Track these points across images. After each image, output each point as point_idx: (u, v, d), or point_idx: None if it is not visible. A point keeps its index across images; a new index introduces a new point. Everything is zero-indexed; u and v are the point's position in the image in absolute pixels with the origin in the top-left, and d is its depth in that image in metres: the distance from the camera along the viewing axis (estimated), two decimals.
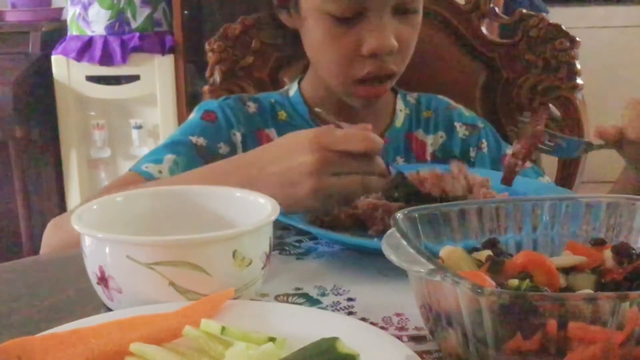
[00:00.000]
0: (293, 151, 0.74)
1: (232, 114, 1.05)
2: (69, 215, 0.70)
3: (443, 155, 1.10)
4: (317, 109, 1.05)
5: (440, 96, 1.15)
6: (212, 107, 1.06)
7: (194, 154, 0.98)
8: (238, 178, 0.75)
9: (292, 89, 1.11)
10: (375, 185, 0.74)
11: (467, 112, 1.13)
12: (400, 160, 1.09)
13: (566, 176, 1.19)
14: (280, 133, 1.05)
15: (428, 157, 1.10)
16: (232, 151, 1.03)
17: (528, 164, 1.10)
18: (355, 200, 0.78)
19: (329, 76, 1.01)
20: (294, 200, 0.73)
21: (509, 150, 0.92)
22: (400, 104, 1.11)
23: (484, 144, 1.10)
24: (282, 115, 1.08)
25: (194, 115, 1.06)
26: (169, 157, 0.96)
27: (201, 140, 1.01)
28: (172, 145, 0.99)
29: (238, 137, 1.04)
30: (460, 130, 1.11)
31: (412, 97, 1.13)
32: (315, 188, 0.72)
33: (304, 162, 0.72)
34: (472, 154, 1.10)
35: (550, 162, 1.18)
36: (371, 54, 0.94)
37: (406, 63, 1.01)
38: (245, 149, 1.03)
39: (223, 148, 1.02)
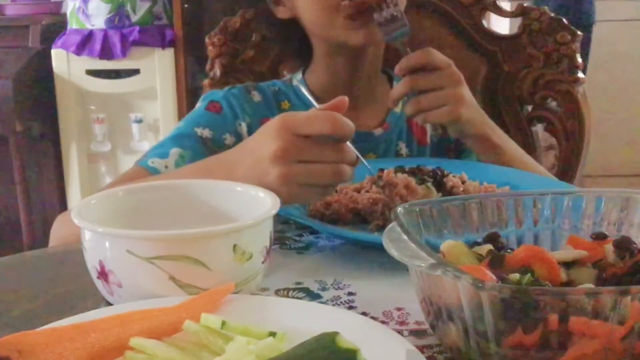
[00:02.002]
0: (262, 141, 0.72)
1: (238, 104, 1.04)
2: None
3: (439, 139, 1.10)
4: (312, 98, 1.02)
5: None
6: (217, 97, 1.05)
7: (199, 147, 0.97)
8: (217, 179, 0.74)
9: (296, 79, 1.10)
10: (347, 174, 0.70)
11: None
12: (402, 145, 1.09)
13: (567, 170, 1.19)
14: None
15: (428, 140, 1.10)
16: (238, 142, 1.02)
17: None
18: (331, 191, 0.73)
19: (328, 18, 0.97)
20: None
21: None
22: None
23: None
24: (286, 105, 1.08)
25: (199, 106, 1.05)
26: (175, 151, 0.96)
27: (207, 132, 1.00)
28: (177, 138, 0.99)
29: (244, 127, 1.03)
30: None
31: None
32: (282, 175, 0.69)
33: (269, 148, 0.69)
34: None
35: (551, 158, 1.18)
36: None
37: None
38: None
39: (229, 139, 1.01)
